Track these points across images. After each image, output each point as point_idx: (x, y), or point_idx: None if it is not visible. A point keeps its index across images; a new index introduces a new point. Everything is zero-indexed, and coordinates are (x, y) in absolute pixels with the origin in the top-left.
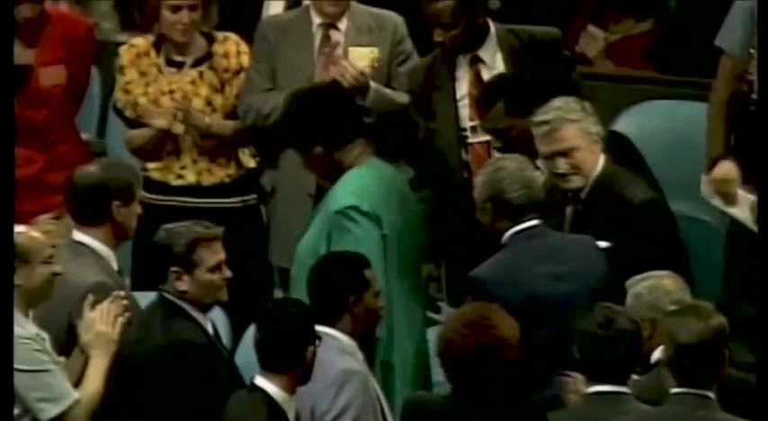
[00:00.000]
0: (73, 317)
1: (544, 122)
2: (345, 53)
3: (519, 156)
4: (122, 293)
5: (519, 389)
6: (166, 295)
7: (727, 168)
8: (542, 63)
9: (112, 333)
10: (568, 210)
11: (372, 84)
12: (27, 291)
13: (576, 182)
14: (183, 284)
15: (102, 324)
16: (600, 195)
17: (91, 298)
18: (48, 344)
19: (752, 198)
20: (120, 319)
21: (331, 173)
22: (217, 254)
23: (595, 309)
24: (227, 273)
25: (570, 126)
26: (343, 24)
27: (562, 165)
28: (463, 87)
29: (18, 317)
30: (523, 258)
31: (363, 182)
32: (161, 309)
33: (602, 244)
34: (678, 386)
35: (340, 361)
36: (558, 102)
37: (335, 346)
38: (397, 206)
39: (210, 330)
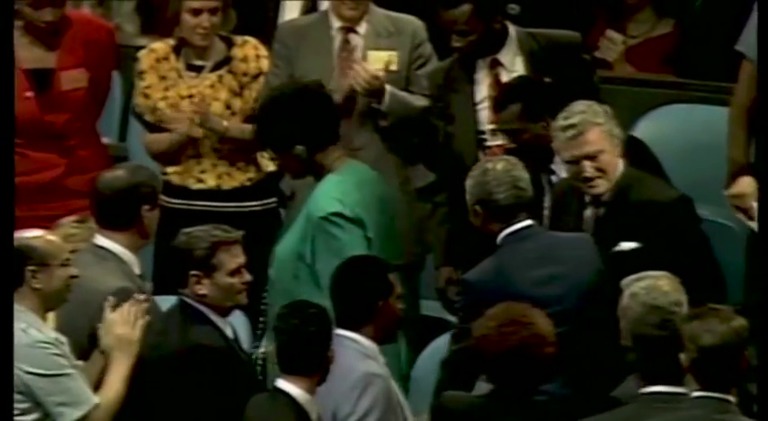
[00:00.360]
0: (95, 323)
1: (570, 126)
2: (364, 57)
3: (508, 157)
4: (143, 296)
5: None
6: (186, 299)
7: (743, 184)
8: (562, 67)
9: (133, 335)
10: (588, 213)
11: (389, 87)
12: (45, 295)
13: (601, 187)
14: (203, 288)
15: (122, 326)
16: (623, 198)
17: (111, 300)
18: (66, 348)
19: None
20: (141, 322)
21: (306, 173)
22: (237, 257)
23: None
24: (247, 276)
25: (596, 129)
26: (362, 28)
27: (588, 168)
28: (482, 91)
29: (36, 320)
30: (514, 261)
31: (344, 187)
32: (180, 313)
33: (628, 245)
34: (701, 390)
35: (362, 364)
36: (580, 105)
37: (357, 350)
38: (376, 209)
39: (230, 334)
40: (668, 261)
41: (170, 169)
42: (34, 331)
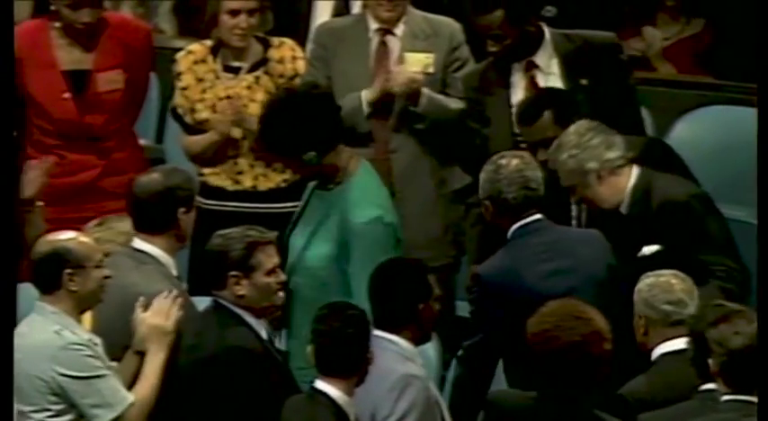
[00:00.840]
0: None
1: (550, 153)
2: (401, 59)
3: (522, 154)
4: (176, 291)
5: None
6: (221, 301)
7: None
8: (599, 68)
9: (167, 325)
10: (612, 223)
11: (425, 90)
12: (81, 297)
13: (605, 204)
14: (242, 289)
15: (155, 317)
16: (641, 204)
17: (142, 300)
18: (100, 349)
19: None
20: (176, 314)
21: (317, 177)
22: (272, 257)
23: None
24: (282, 276)
25: (563, 168)
26: (399, 30)
27: (578, 197)
28: (518, 93)
29: (71, 322)
30: (524, 255)
31: (376, 190)
32: (216, 315)
33: (651, 248)
34: (732, 394)
35: (401, 366)
36: (563, 136)
37: (396, 351)
38: (393, 208)
39: (265, 336)
40: (691, 259)
41: (207, 170)
42: (68, 333)
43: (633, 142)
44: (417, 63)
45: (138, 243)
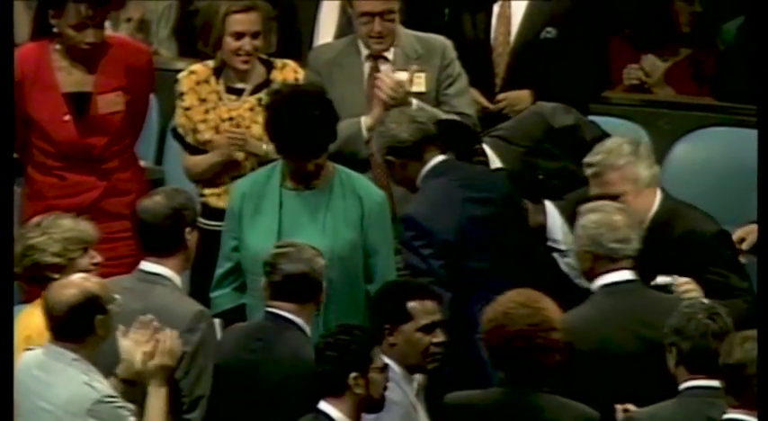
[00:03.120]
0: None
1: (590, 165)
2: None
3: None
4: (150, 316)
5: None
6: (275, 311)
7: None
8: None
9: (172, 364)
10: None
11: (415, 102)
12: (103, 339)
13: None
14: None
15: (162, 356)
16: (661, 232)
17: (122, 328)
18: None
19: None
20: (177, 349)
21: (316, 176)
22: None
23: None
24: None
25: (615, 173)
26: (390, 54)
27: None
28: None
29: (92, 369)
30: (447, 187)
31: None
32: (274, 325)
33: (664, 279)
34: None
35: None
36: (610, 142)
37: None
38: None
39: None
40: (707, 293)
41: (207, 191)
42: (98, 385)
43: None
44: (408, 74)
45: (148, 265)
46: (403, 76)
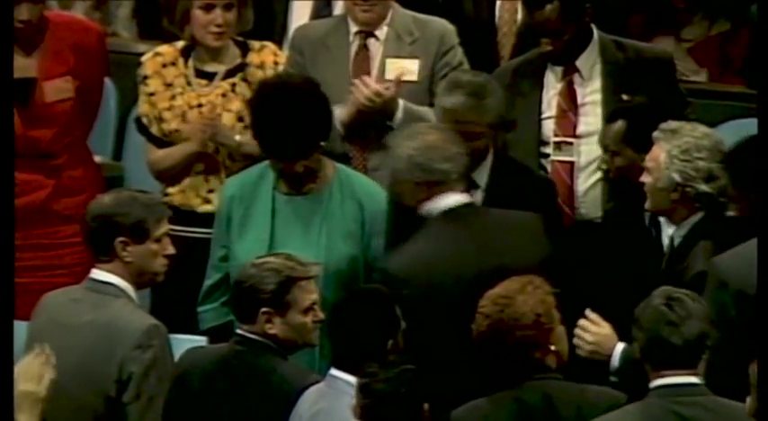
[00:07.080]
0: (126, 365)
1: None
2: (383, 65)
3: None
4: (46, 347)
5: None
6: (252, 336)
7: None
8: (650, 85)
9: (39, 391)
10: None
11: (402, 102)
12: None
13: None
14: (274, 327)
15: (26, 382)
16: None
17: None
18: None
19: None
20: (48, 374)
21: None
22: (310, 294)
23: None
24: (321, 314)
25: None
26: (381, 32)
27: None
28: (551, 98)
29: None
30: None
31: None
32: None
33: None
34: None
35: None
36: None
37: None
38: None
39: None
40: None
41: (172, 189)
42: None
43: None
44: (398, 70)
45: (98, 274)
46: (413, 65)
